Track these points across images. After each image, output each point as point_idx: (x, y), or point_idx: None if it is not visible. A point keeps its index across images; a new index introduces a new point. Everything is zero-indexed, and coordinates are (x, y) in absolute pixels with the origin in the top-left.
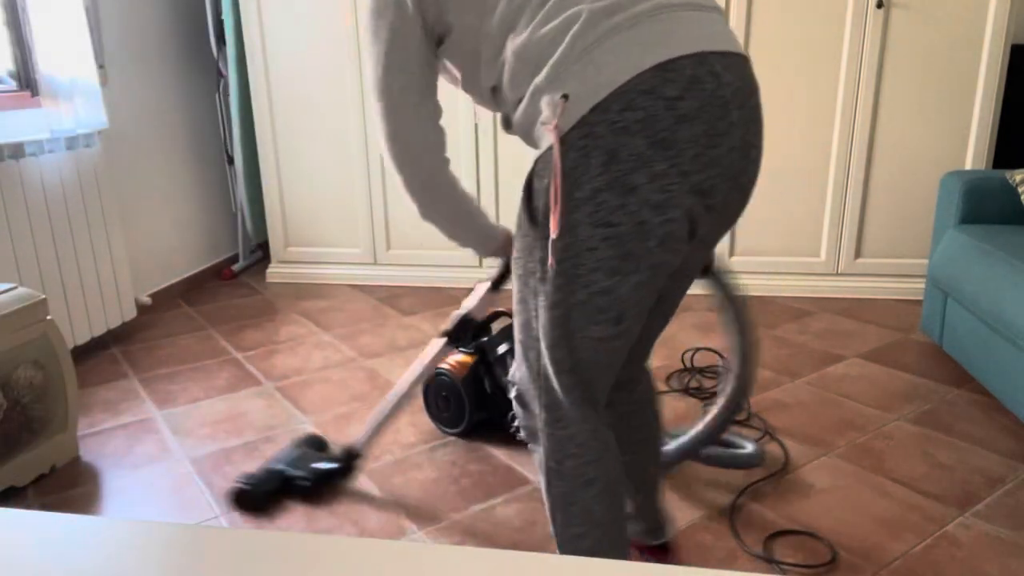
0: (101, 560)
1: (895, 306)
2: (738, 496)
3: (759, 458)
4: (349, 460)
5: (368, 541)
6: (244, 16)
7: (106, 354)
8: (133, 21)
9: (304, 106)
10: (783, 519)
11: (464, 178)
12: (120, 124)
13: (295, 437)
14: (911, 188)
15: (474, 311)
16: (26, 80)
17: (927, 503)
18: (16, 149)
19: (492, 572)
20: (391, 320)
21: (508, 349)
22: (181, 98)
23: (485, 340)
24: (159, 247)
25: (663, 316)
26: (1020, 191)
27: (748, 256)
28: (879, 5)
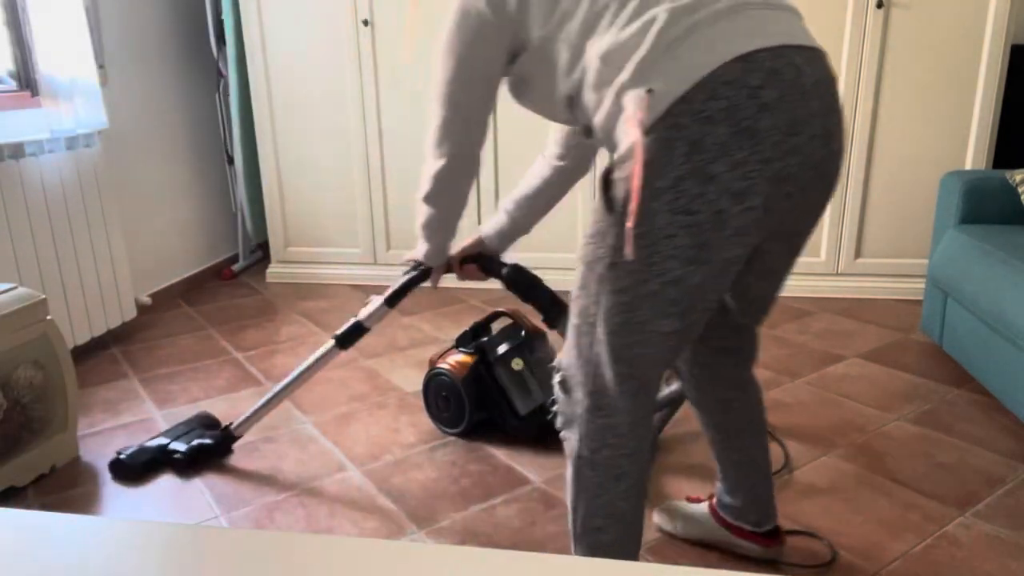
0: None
1: (895, 306)
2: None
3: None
4: (225, 439)
5: (368, 541)
6: (244, 16)
7: (106, 354)
8: (133, 21)
9: (304, 106)
10: (783, 519)
11: None
12: (120, 124)
13: (192, 415)
14: (911, 188)
15: (366, 320)
16: (26, 80)
17: (927, 503)
18: (16, 149)
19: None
20: (391, 320)
21: (508, 349)
22: (181, 98)
23: (485, 340)
24: (159, 247)
25: (754, 317)
26: (1020, 191)
27: None
28: (879, 5)
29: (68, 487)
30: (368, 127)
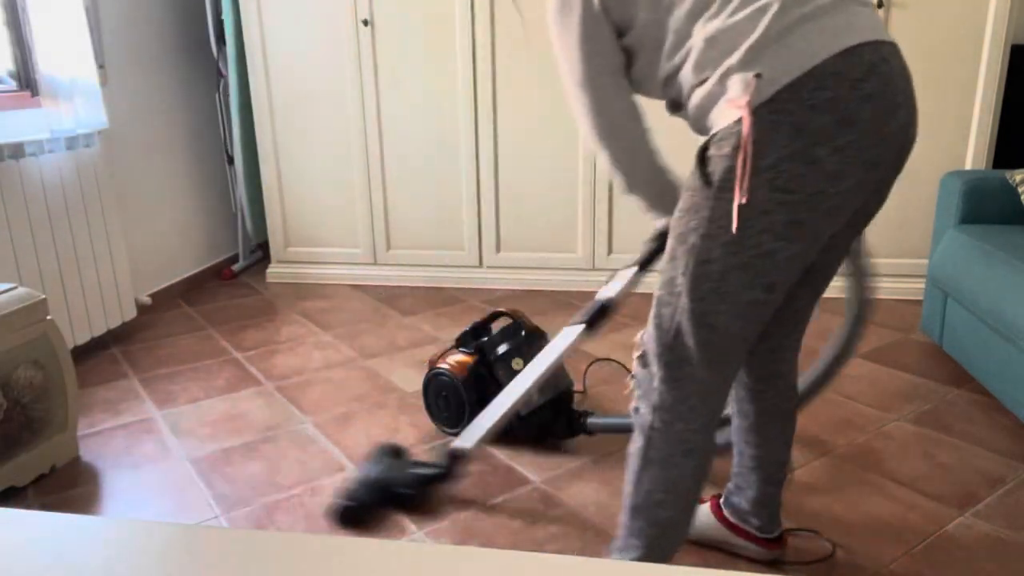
0: (101, 560)
1: (895, 306)
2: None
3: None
4: (453, 464)
5: (368, 541)
6: (244, 16)
7: (106, 354)
8: (133, 21)
9: (304, 106)
10: (783, 518)
11: (463, 162)
12: (120, 124)
13: (374, 448)
14: (911, 188)
15: (617, 295)
16: (26, 80)
17: (927, 503)
18: (16, 149)
19: (492, 572)
20: (391, 320)
21: (508, 349)
22: (181, 98)
23: (485, 340)
24: (159, 247)
25: (814, 291)
26: (1020, 191)
27: None
28: (879, 5)
29: (68, 487)
30: (368, 127)
